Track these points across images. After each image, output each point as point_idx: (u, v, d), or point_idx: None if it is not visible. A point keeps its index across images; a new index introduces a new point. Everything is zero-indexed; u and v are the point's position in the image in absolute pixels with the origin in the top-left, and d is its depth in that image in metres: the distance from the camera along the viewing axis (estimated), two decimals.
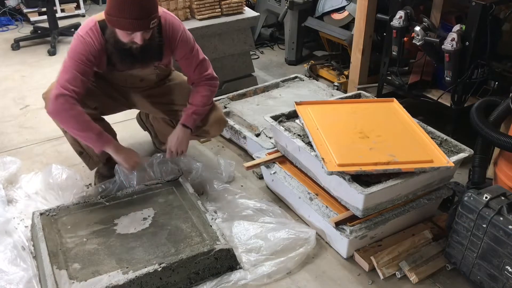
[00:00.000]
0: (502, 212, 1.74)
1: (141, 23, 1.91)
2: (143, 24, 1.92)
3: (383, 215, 2.05)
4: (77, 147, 2.32)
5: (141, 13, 1.89)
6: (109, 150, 2.17)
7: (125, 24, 1.92)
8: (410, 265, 1.98)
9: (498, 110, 2.16)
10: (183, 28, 2.21)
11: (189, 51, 2.24)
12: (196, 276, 1.93)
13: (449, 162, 1.99)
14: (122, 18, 1.90)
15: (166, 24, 2.14)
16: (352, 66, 3.35)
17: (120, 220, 2.15)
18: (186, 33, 2.22)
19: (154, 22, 1.96)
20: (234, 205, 2.32)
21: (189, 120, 2.30)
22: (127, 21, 1.90)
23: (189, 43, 2.23)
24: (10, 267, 1.92)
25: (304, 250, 2.04)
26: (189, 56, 2.25)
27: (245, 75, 3.55)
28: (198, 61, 2.28)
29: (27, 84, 3.70)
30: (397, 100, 2.44)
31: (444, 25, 2.84)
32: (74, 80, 2.03)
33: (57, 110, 2.05)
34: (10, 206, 2.30)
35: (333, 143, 2.06)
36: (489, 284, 1.83)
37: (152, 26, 1.95)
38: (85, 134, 2.10)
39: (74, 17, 5.27)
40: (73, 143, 2.32)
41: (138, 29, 1.93)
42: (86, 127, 2.08)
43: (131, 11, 1.87)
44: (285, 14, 3.95)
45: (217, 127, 2.45)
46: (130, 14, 1.88)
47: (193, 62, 2.27)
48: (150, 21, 1.93)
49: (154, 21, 1.95)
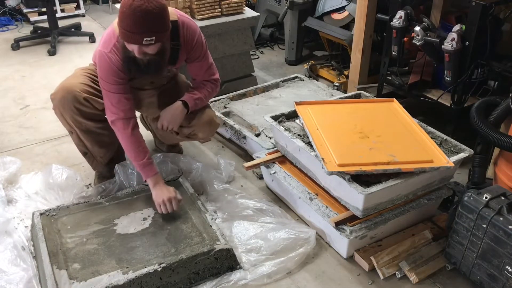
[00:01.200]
0: (502, 212, 1.74)
1: (132, 36, 1.89)
2: (133, 38, 1.89)
3: (383, 215, 2.05)
4: (82, 147, 2.34)
5: (135, 27, 1.86)
6: (148, 182, 2.20)
7: (121, 33, 1.92)
8: (410, 265, 1.98)
9: (498, 110, 2.16)
10: (199, 31, 2.22)
11: (203, 54, 2.26)
12: (196, 276, 1.93)
13: (449, 162, 1.99)
14: (120, 27, 1.90)
15: (184, 28, 2.14)
16: (352, 66, 3.35)
17: (120, 220, 2.15)
18: (201, 36, 2.23)
19: (150, 40, 1.89)
20: (234, 205, 2.32)
21: (190, 100, 2.26)
22: (122, 31, 1.90)
23: (203, 46, 2.25)
24: (10, 267, 1.92)
25: (304, 250, 2.04)
26: (201, 59, 2.27)
27: (245, 75, 3.55)
28: (209, 64, 2.31)
29: (27, 84, 3.70)
30: (397, 100, 2.44)
31: (444, 25, 2.83)
32: (118, 103, 2.12)
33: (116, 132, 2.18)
34: (10, 206, 2.30)
35: (333, 143, 2.06)
36: (489, 284, 1.83)
37: (146, 43, 1.89)
38: (133, 157, 2.18)
39: (74, 17, 5.27)
40: (78, 144, 2.33)
41: (130, 42, 1.91)
42: (135, 154, 2.16)
43: (127, 22, 1.86)
44: (285, 14, 3.95)
45: (207, 128, 2.38)
46: (126, 25, 1.87)
47: (204, 65, 2.29)
48: (143, 37, 1.87)
49: (149, 39, 1.88)
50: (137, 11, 1.83)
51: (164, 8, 1.91)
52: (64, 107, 2.18)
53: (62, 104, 2.18)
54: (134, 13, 1.83)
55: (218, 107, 3.01)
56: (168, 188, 2.18)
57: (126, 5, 1.84)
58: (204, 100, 2.34)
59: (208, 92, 2.34)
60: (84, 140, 2.29)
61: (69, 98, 2.16)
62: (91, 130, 2.26)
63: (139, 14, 1.83)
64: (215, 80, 2.37)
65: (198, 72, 2.32)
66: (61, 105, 2.18)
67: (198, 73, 2.32)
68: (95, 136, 2.29)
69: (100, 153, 2.36)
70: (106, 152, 2.37)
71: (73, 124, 2.22)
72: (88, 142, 2.30)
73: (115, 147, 2.40)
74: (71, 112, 2.18)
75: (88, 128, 2.24)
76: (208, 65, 2.31)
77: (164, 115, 2.26)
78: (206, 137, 2.46)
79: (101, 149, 2.34)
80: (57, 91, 2.19)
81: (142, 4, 1.83)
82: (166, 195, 2.14)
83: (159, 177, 2.20)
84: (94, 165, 2.43)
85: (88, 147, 2.32)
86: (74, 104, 2.16)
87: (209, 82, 2.35)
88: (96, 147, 2.32)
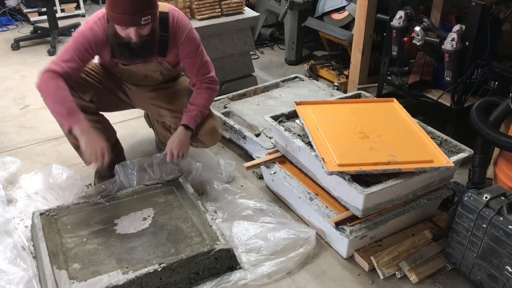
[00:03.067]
0: (502, 212, 1.74)
1: (131, 18, 1.93)
2: (133, 20, 1.93)
3: (383, 215, 2.05)
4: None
5: (132, 8, 1.90)
6: (75, 130, 2.02)
7: (117, 19, 1.95)
8: (410, 265, 1.98)
9: (498, 110, 2.16)
10: (190, 26, 2.22)
11: (194, 50, 2.24)
12: (196, 276, 1.93)
13: (449, 162, 1.99)
14: (115, 13, 1.93)
15: (174, 21, 2.15)
16: (352, 66, 3.35)
17: (120, 220, 2.15)
18: (193, 32, 2.23)
19: (147, 19, 1.95)
20: (234, 205, 2.32)
21: (191, 121, 2.29)
22: (119, 16, 1.93)
23: (194, 42, 2.23)
24: (10, 267, 1.92)
25: (304, 250, 2.04)
26: (193, 55, 2.25)
27: (245, 75, 3.55)
28: (202, 62, 2.29)
29: (27, 84, 3.70)
30: (397, 100, 2.44)
31: (444, 25, 2.84)
32: (70, 62, 2.05)
33: (41, 83, 2.04)
34: (10, 206, 2.30)
35: (333, 143, 2.06)
36: (489, 284, 1.83)
37: (144, 23, 1.94)
38: (58, 107, 2.04)
39: (74, 17, 5.27)
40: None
41: (129, 25, 1.95)
42: (61, 100, 2.02)
43: (124, 6, 1.90)
44: (285, 14, 3.95)
45: (209, 138, 2.40)
46: (122, 10, 1.90)
47: (197, 62, 2.27)
48: (141, 17, 1.92)
49: (146, 18, 1.94)
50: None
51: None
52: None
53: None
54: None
55: (218, 107, 3.01)
56: (98, 136, 2.06)
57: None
58: (204, 111, 2.33)
59: (205, 99, 2.32)
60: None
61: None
62: None
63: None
64: (210, 79, 2.33)
65: (191, 69, 2.30)
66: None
67: (191, 70, 2.31)
68: None
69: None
70: None
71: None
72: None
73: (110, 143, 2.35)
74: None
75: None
76: (201, 62, 2.28)
77: (171, 144, 2.28)
78: (211, 145, 2.49)
79: None
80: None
81: None
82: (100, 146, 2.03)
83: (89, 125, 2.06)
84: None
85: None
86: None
87: (204, 83, 2.32)
88: None
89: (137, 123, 3.10)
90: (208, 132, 2.38)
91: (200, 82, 2.32)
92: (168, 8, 2.15)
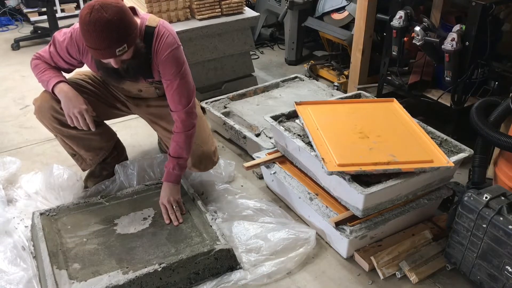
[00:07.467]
0: (502, 212, 1.74)
1: (105, 52, 1.81)
2: (107, 53, 1.81)
3: (383, 215, 2.05)
4: (69, 149, 2.31)
5: (104, 43, 1.78)
6: (56, 91, 2.04)
7: (92, 53, 1.88)
8: (410, 265, 1.98)
9: (498, 110, 2.16)
10: (177, 46, 2.02)
11: (175, 74, 2.03)
12: (196, 276, 1.93)
13: (449, 162, 1.99)
14: (89, 47, 1.84)
15: (158, 37, 1.98)
16: (352, 66, 3.35)
17: (120, 220, 2.15)
18: (178, 52, 2.02)
19: (122, 49, 1.82)
20: (234, 205, 2.32)
21: (170, 177, 2.16)
22: (93, 50, 1.84)
23: (176, 63, 2.02)
24: (10, 267, 1.92)
25: (304, 250, 2.04)
26: (172, 79, 2.03)
27: (245, 75, 3.54)
28: (179, 89, 2.05)
29: (27, 84, 3.70)
30: (397, 100, 2.44)
31: (444, 25, 2.84)
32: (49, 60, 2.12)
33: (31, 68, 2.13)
34: (10, 206, 2.30)
35: (333, 143, 2.06)
36: (489, 284, 1.83)
37: (119, 53, 1.82)
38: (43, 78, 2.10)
39: (74, 17, 5.26)
40: (64, 146, 2.30)
41: (105, 58, 1.85)
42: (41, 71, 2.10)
43: (94, 41, 1.78)
44: (285, 14, 3.95)
45: (202, 166, 2.30)
46: (94, 45, 1.79)
47: (173, 86, 2.04)
48: (115, 49, 1.80)
49: (121, 48, 1.81)
50: (98, 26, 1.73)
51: (123, 9, 1.80)
52: (42, 115, 2.16)
53: (39, 111, 2.17)
54: (96, 29, 1.73)
55: (218, 107, 3.01)
56: (77, 97, 2.03)
57: (85, 21, 1.74)
58: (183, 161, 2.15)
59: (181, 148, 2.11)
60: (69, 144, 2.26)
61: (46, 106, 2.13)
62: (74, 136, 2.21)
63: (101, 28, 1.73)
64: (188, 112, 2.07)
65: (169, 92, 2.06)
66: (39, 112, 2.17)
67: (169, 93, 2.07)
68: (80, 141, 2.25)
69: (89, 156, 2.32)
70: (95, 155, 2.33)
71: (53, 130, 2.21)
72: (74, 146, 2.27)
73: (107, 150, 2.37)
74: (49, 120, 2.16)
75: (71, 134, 2.20)
76: (177, 87, 2.03)
77: (162, 196, 2.17)
78: (206, 170, 2.37)
79: (89, 152, 2.31)
80: (37, 98, 2.18)
81: (100, 16, 1.72)
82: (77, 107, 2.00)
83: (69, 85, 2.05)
84: (83, 166, 2.38)
85: (75, 149, 2.29)
86: (51, 113, 2.13)
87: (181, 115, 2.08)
88: (83, 150, 2.29)
89: (137, 123, 3.10)
90: (197, 161, 2.27)
91: (177, 112, 2.09)
92: (157, 23, 1.99)
